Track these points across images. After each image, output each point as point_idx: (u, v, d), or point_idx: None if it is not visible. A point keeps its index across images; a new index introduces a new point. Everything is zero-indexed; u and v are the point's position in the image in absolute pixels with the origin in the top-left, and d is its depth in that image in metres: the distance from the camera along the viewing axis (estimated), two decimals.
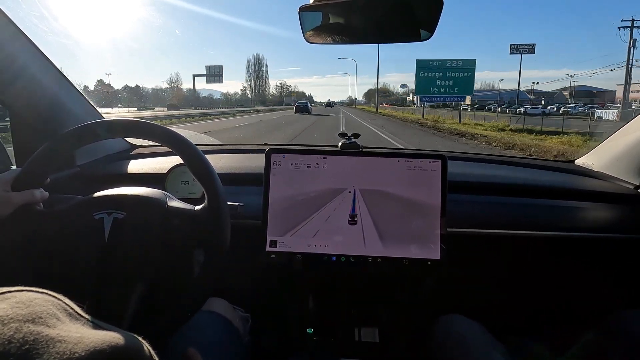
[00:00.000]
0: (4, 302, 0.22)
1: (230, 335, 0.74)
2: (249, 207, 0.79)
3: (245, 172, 1.02)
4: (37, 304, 0.23)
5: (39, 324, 0.21)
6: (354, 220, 0.77)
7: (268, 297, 1.00)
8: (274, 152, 0.79)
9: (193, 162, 0.62)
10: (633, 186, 0.99)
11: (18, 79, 0.84)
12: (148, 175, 1.02)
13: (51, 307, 0.24)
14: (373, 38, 0.75)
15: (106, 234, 0.58)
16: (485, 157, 1.25)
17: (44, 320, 0.22)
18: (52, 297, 0.25)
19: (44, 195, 0.61)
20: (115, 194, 0.63)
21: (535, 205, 0.96)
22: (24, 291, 0.24)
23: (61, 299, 0.26)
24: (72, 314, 0.25)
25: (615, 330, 0.76)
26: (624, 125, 1.06)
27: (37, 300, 0.23)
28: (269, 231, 0.77)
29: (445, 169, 0.77)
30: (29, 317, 0.21)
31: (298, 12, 0.67)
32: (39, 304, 0.23)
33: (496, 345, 0.71)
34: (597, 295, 1.01)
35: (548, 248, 0.98)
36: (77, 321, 0.25)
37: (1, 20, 0.78)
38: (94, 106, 1.09)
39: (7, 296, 0.23)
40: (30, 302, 0.23)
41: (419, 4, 0.67)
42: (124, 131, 0.69)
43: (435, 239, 0.75)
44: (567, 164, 1.22)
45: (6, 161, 0.92)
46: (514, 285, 1.05)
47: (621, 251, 0.97)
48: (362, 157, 0.79)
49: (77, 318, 0.25)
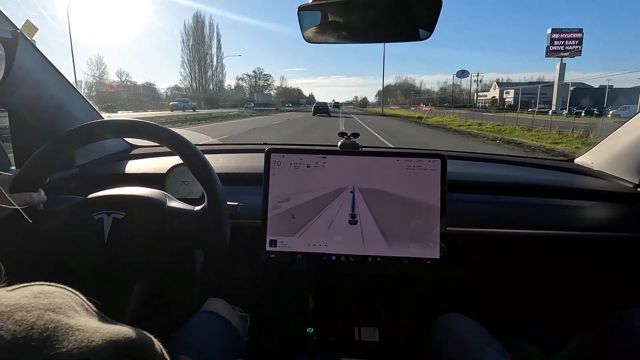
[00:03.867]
0: (26, 292, 0.23)
1: (230, 335, 0.74)
2: (248, 206, 0.79)
3: (244, 171, 1.02)
4: (56, 295, 0.24)
5: (59, 313, 0.23)
6: (354, 220, 0.77)
7: (268, 297, 1.00)
8: (273, 152, 0.79)
9: (192, 162, 0.62)
10: (633, 185, 0.99)
11: (17, 80, 0.84)
12: (147, 176, 1.02)
13: (69, 300, 0.25)
14: (372, 37, 0.75)
15: (106, 234, 0.58)
16: (485, 156, 1.25)
17: (63, 310, 0.23)
18: (69, 291, 0.26)
19: (42, 199, 0.61)
20: (114, 194, 0.63)
21: (534, 204, 0.96)
22: (43, 285, 0.25)
23: (78, 294, 0.27)
24: (88, 309, 0.27)
25: (616, 329, 0.76)
26: (623, 124, 1.06)
27: (57, 293, 0.25)
28: (268, 231, 0.77)
29: (444, 168, 0.77)
30: (49, 306, 0.23)
31: (297, 12, 0.67)
32: (58, 295, 0.24)
33: (495, 344, 0.71)
34: (597, 294, 1.01)
35: (548, 247, 0.98)
36: (92, 316, 0.26)
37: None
38: (93, 107, 1.09)
39: (28, 287, 0.24)
40: (51, 294, 0.24)
41: (418, 3, 0.67)
42: (123, 131, 0.69)
43: (435, 238, 0.75)
44: (567, 162, 1.22)
45: (5, 162, 0.92)
46: (514, 284, 1.05)
47: (621, 250, 0.98)
48: (362, 157, 0.79)
49: (92, 313, 0.26)
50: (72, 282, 0.59)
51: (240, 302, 0.88)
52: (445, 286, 1.00)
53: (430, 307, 0.89)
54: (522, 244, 0.96)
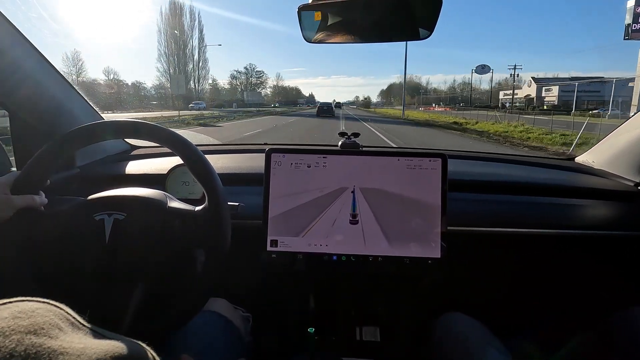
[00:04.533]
0: (5, 312, 0.22)
1: (231, 335, 0.75)
2: (249, 207, 0.79)
3: (245, 172, 1.02)
4: (38, 314, 0.23)
5: (41, 335, 0.21)
6: (355, 220, 0.77)
7: (269, 297, 1.00)
8: (274, 152, 0.79)
9: (193, 162, 0.62)
10: (633, 183, 0.99)
11: (17, 81, 0.84)
12: (148, 176, 1.02)
13: (53, 317, 0.23)
14: (372, 37, 0.75)
15: (107, 235, 0.58)
16: (486, 155, 1.25)
17: (46, 331, 0.22)
18: (53, 306, 0.25)
19: (42, 201, 0.61)
20: (115, 195, 0.63)
21: (535, 203, 0.96)
22: (25, 301, 0.23)
23: (63, 308, 0.25)
24: (74, 324, 0.25)
25: (617, 327, 0.76)
26: (624, 123, 1.06)
27: (39, 311, 0.23)
28: (269, 231, 0.77)
29: (445, 168, 0.77)
30: (30, 328, 0.21)
31: (297, 12, 0.67)
32: (40, 314, 0.23)
33: (496, 343, 0.71)
34: (598, 293, 1.01)
35: (549, 246, 0.98)
36: (80, 331, 0.25)
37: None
38: (94, 107, 1.09)
39: (8, 306, 0.23)
40: (32, 313, 0.23)
41: (418, 3, 0.67)
42: (124, 132, 0.69)
43: (436, 238, 0.75)
44: (568, 161, 1.22)
45: (6, 163, 0.92)
46: (515, 284, 1.05)
47: (622, 248, 0.98)
48: (362, 157, 0.79)
49: (79, 327, 0.25)
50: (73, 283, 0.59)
51: (242, 302, 0.88)
52: (446, 285, 1.00)
53: (431, 306, 0.89)
54: (523, 243, 0.96)
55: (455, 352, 0.70)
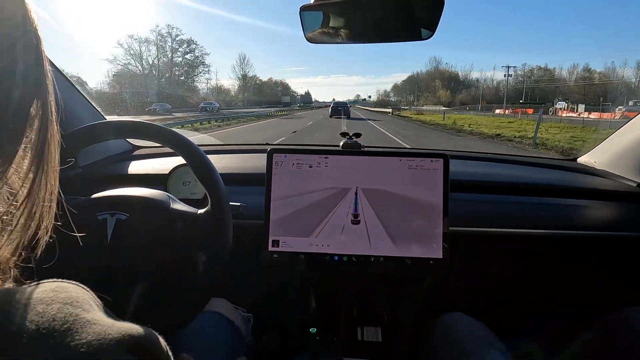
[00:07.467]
0: (43, 287, 0.24)
1: (233, 335, 0.75)
2: (251, 207, 0.79)
3: (247, 172, 1.02)
4: (73, 290, 0.25)
5: (77, 307, 0.24)
6: (357, 220, 0.77)
7: (270, 297, 1.00)
8: (275, 152, 0.79)
9: (195, 163, 0.62)
10: (636, 184, 0.98)
11: None
12: (150, 176, 1.02)
13: (84, 295, 0.26)
14: (374, 38, 0.75)
15: (109, 235, 0.59)
16: (487, 155, 1.24)
17: (80, 305, 0.24)
18: (82, 287, 0.27)
19: None
20: (118, 194, 0.63)
21: (537, 204, 0.96)
22: (57, 281, 0.26)
23: (89, 290, 0.28)
24: (99, 306, 0.28)
25: (619, 327, 0.76)
26: (626, 123, 1.06)
27: (73, 288, 0.26)
28: (271, 231, 0.77)
29: (447, 168, 0.77)
30: (67, 300, 0.24)
31: (299, 12, 0.67)
32: (74, 290, 0.26)
33: (498, 343, 0.71)
34: (599, 294, 1.00)
35: (551, 246, 0.98)
36: (104, 312, 0.27)
37: None
38: (96, 108, 1.10)
39: (44, 284, 0.25)
40: (67, 288, 0.25)
41: (420, 3, 0.67)
42: (126, 132, 0.69)
43: (438, 238, 0.75)
44: (570, 162, 1.21)
45: None
46: (516, 284, 1.05)
47: (624, 249, 0.97)
48: (364, 157, 0.79)
49: (104, 310, 0.28)
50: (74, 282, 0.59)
51: (243, 302, 0.88)
52: (447, 285, 1.00)
53: (433, 306, 0.89)
54: (525, 243, 0.96)
55: (456, 352, 0.70)
